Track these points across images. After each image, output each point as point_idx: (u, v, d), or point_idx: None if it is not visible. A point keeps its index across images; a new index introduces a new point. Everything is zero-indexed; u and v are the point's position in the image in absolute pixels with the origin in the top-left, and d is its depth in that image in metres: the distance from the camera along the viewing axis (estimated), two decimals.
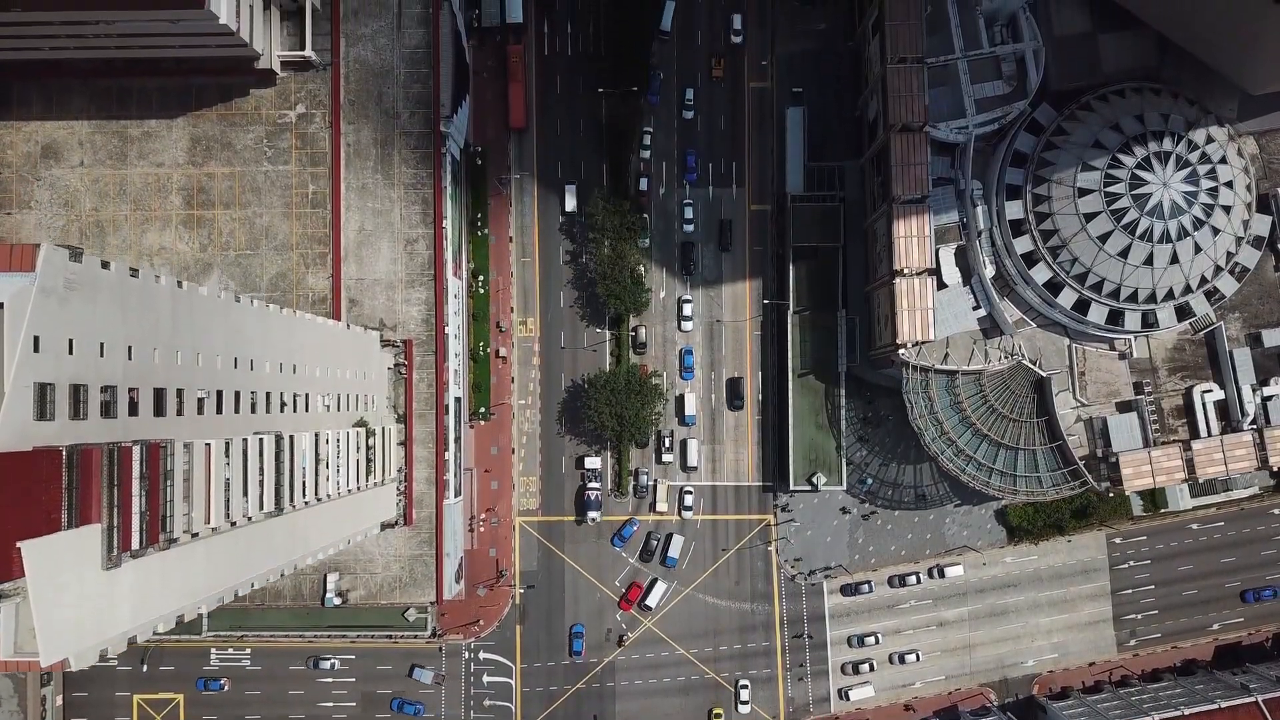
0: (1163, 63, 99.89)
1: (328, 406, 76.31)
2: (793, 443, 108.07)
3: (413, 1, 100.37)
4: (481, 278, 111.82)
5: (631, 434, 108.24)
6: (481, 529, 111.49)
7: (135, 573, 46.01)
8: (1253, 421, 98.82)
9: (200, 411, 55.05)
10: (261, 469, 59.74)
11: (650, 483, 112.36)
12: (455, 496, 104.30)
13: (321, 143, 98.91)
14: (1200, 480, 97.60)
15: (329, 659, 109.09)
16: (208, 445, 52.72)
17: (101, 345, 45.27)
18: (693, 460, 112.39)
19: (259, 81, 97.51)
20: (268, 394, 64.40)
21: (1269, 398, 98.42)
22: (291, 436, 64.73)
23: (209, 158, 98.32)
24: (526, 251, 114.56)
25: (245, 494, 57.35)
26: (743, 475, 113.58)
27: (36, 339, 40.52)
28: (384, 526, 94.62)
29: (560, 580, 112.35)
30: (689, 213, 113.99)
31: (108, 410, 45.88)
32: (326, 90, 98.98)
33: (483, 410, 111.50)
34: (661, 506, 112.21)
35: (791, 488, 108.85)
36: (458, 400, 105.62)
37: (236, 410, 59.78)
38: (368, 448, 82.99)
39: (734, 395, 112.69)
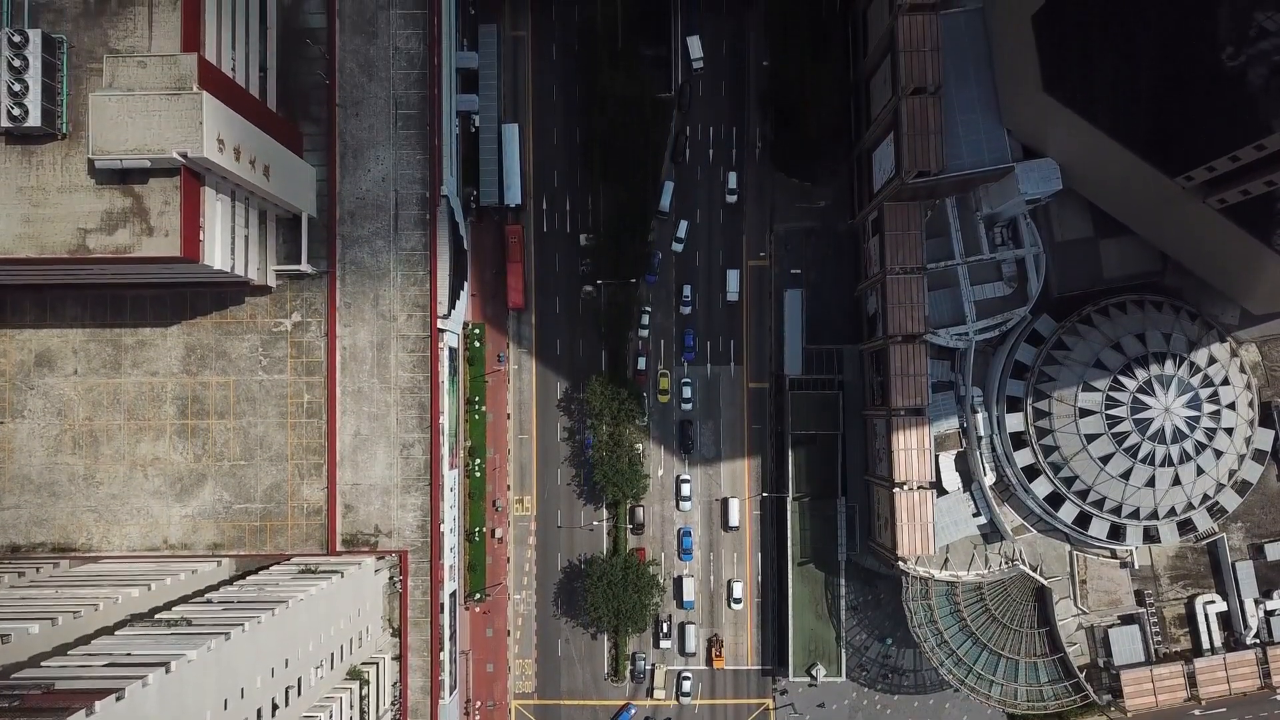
0: (1164, 268, 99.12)
1: (321, 676, 75.31)
2: (792, 634, 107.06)
3: (409, 204, 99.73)
4: (479, 460, 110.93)
5: (628, 624, 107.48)
6: (478, 717, 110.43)
7: None
8: (1255, 635, 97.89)
9: None
10: None
11: (647, 667, 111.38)
12: (450, 694, 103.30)
13: (317, 351, 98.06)
14: (1204, 703, 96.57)
15: None
16: None
17: None
18: (691, 646, 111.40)
19: (254, 290, 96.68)
20: (259, 710, 63.42)
21: (1272, 612, 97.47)
22: None
23: (203, 366, 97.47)
24: (524, 429, 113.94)
25: None
26: (741, 659, 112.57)
27: None
28: None
29: None
30: (687, 391, 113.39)
31: None
32: (322, 297, 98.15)
33: (478, 594, 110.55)
34: (659, 692, 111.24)
35: (791, 679, 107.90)
36: (453, 595, 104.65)
37: None
38: (361, 699, 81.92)
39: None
